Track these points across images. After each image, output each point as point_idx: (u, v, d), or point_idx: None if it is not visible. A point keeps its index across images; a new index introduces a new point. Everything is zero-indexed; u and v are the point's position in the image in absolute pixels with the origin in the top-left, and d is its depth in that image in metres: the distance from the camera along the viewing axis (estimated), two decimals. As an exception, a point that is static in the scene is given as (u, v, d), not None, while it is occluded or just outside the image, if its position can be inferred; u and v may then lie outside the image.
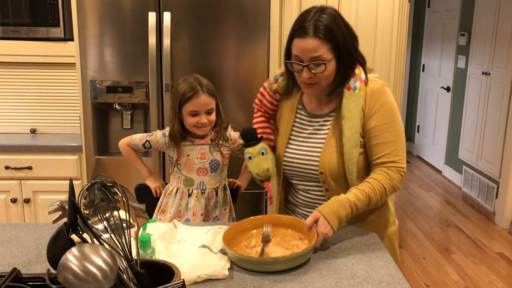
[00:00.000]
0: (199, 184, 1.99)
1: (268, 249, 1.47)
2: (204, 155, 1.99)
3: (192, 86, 1.92)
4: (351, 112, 1.58)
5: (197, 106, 1.91)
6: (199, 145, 1.98)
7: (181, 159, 1.98)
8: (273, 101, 1.81)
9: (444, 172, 5.48)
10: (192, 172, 1.99)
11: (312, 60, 1.52)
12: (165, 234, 1.54)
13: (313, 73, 1.54)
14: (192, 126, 1.94)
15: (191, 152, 1.98)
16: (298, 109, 1.76)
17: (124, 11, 2.56)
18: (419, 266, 3.41)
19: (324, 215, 1.49)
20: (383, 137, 1.59)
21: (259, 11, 2.57)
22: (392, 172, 1.59)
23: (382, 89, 1.62)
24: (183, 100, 1.91)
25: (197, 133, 1.97)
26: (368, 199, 1.55)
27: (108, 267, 0.86)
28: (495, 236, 3.92)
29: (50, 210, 1.05)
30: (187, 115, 1.93)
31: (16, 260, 1.41)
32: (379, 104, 1.60)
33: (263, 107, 1.84)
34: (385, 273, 1.34)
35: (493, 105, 4.37)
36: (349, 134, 1.58)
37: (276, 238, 1.54)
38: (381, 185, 1.57)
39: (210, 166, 1.99)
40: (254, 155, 1.68)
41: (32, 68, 3.05)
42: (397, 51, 2.74)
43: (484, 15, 4.52)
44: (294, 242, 1.51)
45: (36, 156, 2.81)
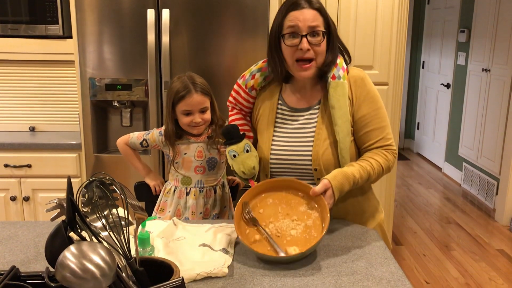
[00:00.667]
0: (197, 183, 1.98)
1: (279, 224, 1.46)
2: (201, 153, 1.97)
3: (185, 85, 1.89)
4: (340, 101, 1.58)
5: (190, 105, 1.88)
6: (195, 143, 1.97)
7: (177, 158, 1.97)
8: (249, 99, 1.78)
9: (444, 169, 5.48)
10: (189, 171, 1.97)
11: (311, 30, 1.53)
12: (164, 232, 1.53)
13: (311, 45, 1.54)
14: (186, 125, 1.92)
15: (188, 150, 1.96)
16: (279, 105, 1.72)
17: (122, 8, 2.55)
18: (419, 263, 3.41)
19: (333, 188, 1.49)
20: (375, 123, 1.62)
21: (258, 7, 2.56)
22: (388, 153, 1.63)
23: (364, 76, 1.65)
24: (176, 99, 1.89)
25: (192, 132, 1.95)
26: (367, 176, 1.58)
27: (107, 265, 0.85)
28: (495, 233, 3.92)
29: (48, 208, 1.05)
30: (180, 114, 1.91)
31: (15, 258, 1.41)
32: (365, 92, 1.63)
33: (238, 104, 1.80)
34: (385, 270, 1.34)
35: (493, 102, 4.37)
36: (341, 123, 1.58)
37: (281, 205, 1.52)
38: (380, 165, 1.61)
39: (208, 164, 1.98)
40: (239, 153, 1.64)
41: (31, 66, 3.04)
42: (397, 48, 2.73)
43: (484, 12, 4.50)
44: (302, 209, 1.50)
45: (35, 154, 2.81)
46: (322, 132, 1.63)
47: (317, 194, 1.48)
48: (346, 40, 2.62)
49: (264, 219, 1.50)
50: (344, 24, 2.71)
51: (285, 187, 1.56)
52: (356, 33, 2.71)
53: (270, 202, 1.54)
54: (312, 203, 1.51)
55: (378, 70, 2.75)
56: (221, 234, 1.53)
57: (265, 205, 1.54)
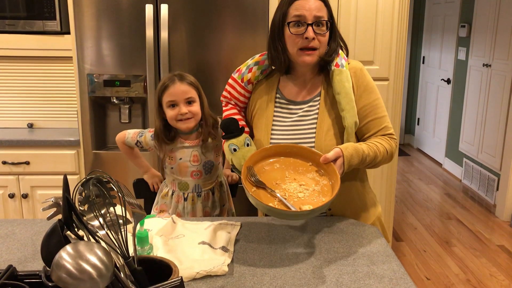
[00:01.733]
0: (195, 188, 1.92)
1: (286, 186, 1.42)
2: (197, 158, 1.90)
3: (170, 77, 1.84)
4: (346, 87, 1.59)
5: (173, 94, 1.80)
6: (190, 147, 1.90)
7: (173, 163, 1.90)
8: (245, 93, 1.75)
9: (444, 164, 5.47)
10: (186, 176, 1.91)
11: (317, 19, 1.55)
12: (163, 230, 1.52)
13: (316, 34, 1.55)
14: (173, 120, 1.83)
15: (183, 155, 1.90)
16: (276, 98, 1.71)
17: (121, 4, 2.53)
18: (420, 259, 3.40)
19: (344, 158, 1.48)
20: (376, 113, 1.64)
21: (258, 3, 2.53)
22: (392, 141, 1.64)
23: (362, 67, 1.67)
24: (161, 91, 1.82)
25: (181, 128, 1.85)
26: (374, 156, 1.57)
27: (104, 265, 0.84)
28: (495, 228, 3.91)
29: (45, 207, 1.03)
30: (167, 108, 1.83)
31: (12, 257, 1.39)
32: (365, 83, 1.65)
33: (233, 99, 1.77)
34: (387, 268, 1.32)
35: (493, 97, 4.35)
36: (349, 108, 1.58)
37: (289, 170, 1.48)
38: (385, 148, 1.61)
39: (204, 168, 1.92)
40: (240, 147, 1.60)
41: (28, 62, 3.02)
42: (397, 43, 2.71)
43: (484, 6, 4.48)
44: (310, 175, 1.47)
45: (34, 151, 2.79)
46: (325, 123, 1.62)
47: (328, 161, 1.46)
48: (346, 35, 2.61)
49: (270, 181, 1.44)
50: (345, 19, 2.68)
51: (293, 153, 1.53)
52: (356, 28, 2.69)
53: (277, 166, 1.50)
54: (322, 172, 1.48)
55: (379, 66, 2.73)
56: (221, 231, 1.51)
57: (272, 169, 1.49)
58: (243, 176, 1.42)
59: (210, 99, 2.58)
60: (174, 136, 1.89)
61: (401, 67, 2.76)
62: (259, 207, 1.36)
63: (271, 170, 1.49)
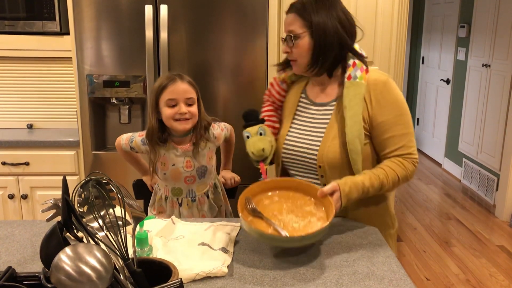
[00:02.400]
0: (188, 193, 1.89)
1: (283, 217, 1.43)
2: (190, 163, 1.86)
3: (169, 76, 1.80)
4: (352, 101, 1.56)
5: (174, 93, 1.75)
6: (183, 153, 1.85)
7: (165, 169, 1.86)
8: (280, 91, 1.81)
9: (444, 164, 5.47)
10: (179, 181, 1.88)
11: (288, 33, 1.60)
12: (163, 231, 1.51)
13: (290, 48, 1.61)
14: (170, 119, 1.77)
15: (176, 161, 1.85)
16: (301, 97, 1.75)
17: (120, 4, 2.53)
18: (419, 259, 3.40)
19: (341, 192, 1.47)
20: (395, 130, 1.57)
21: (257, 3, 2.53)
22: (407, 162, 1.58)
23: (387, 81, 1.61)
24: (159, 90, 1.77)
25: (177, 128, 1.79)
26: (380, 186, 1.54)
27: (103, 267, 0.83)
28: (495, 228, 3.91)
29: (44, 209, 1.03)
30: (164, 106, 1.77)
31: (11, 259, 1.39)
32: (386, 98, 1.58)
33: (271, 97, 1.84)
34: (387, 269, 1.32)
35: (493, 97, 4.35)
36: (351, 124, 1.55)
37: (287, 203, 1.49)
38: (396, 174, 1.56)
39: (198, 174, 1.88)
40: (252, 135, 1.67)
41: (28, 63, 3.01)
42: (397, 44, 2.71)
43: (484, 7, 4.48)
44: (307, 208, 1.47)
45: (33, 152, 2.79)
46: (332, 131, 1.62)
47: (324, 195, 1.46)
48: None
49: (267, 212, 1.46)
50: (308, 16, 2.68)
51: (292, 187, 1.54)
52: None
53: (276, 200, 1.52)
54: (319, 205, 1.49)
55: (378, 66, 2.73)
56: (221, 232, 1.51)
57: (271, 202, 1.51)
58: (240, 207, 1.43)
59: (209, 99, 2.59)
60: (166, 138, 1.84)
61: (401, 67, 2.76)
62: (252, 233, 1.36)
63: (269, 203, 1.51)
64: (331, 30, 1.56)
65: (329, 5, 1.58)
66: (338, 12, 1.59)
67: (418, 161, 1.62)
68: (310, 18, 1.56)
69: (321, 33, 1.56)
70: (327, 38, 1.57)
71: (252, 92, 2.63)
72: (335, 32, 1.57)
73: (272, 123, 1.79)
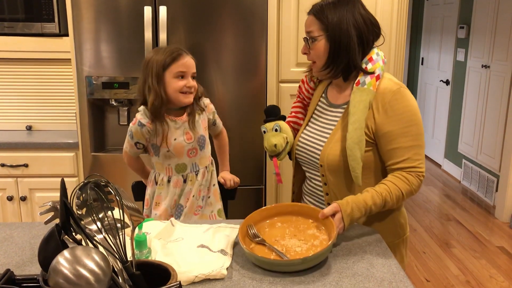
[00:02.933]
0: (192, 167, 1.93)
1: (285, 242, 1.42)
2: (190, 135, 1.90)
3: (175, 49, 1.84)
4: (356, 107, 1.55)
5: (185, 65, 1.82)
6: (181, 126, 1.88)
7: (169, 145, 1.87)
8: (309, 89, 1.84)
9: (443, 165, 5.46)
10: (182, 156, 1.90)
11: (306, 36, 1.62)
12: (162, 233, 1.51)
13: (308, 49, 1.63)
14: (178, 91, 1.82)
15: (176, 135, 1.88)
16: (321, 98, 1.77)
17: (119, 6, 2.52)
18: (419, 260, 3.39)
19: (342, 212, 1.46)
20: (401, 141, 1.53)
21: (257, 5, 2.53)
22: (411, 176, 1.54)
23: (398, 90, 1.56)
24: (168, 61, 1.80)
25: (183, 100, 1.85)
26: (383, 203, 1.52)
27: (101, 270, 0.83)
28: (495, 229, 3.91)
29: (42, 211, 1.02)
30: (172, 78, 1.81)
31: (10, 261, 1.38)
32: (395, 108, 1.54)
33: (301, 94, 1.87)
34: (387, 271, 1.32)
35: (493, 98, 4.35)
36: (351, 129, 1.54)
37: (289, 228, 1.49)
38: (399, 190, 1.53)
39: (199, 144, 1.92)
40: (268, 130, 1.73)
41: (27, 64, 3.01)
42: (396, 44, 2.70)
43: (483, 8, 4.48)
44: (310, 231, 1.47)
45: (32, 153, 2.78)
46: (337, 133, 1.62)
47: (325, 216, 1.46)
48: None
49: (270, 238, 1.45)
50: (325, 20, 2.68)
51: (295, 212, 1.54)
52: (355, 29, 2.68)
53: (278, 225, 1.52)
54: (322, 228, 1.48)
55: (378, 67, 2.72)
56: (220, 234, 1.50)
57: (273, 228, 1.51)
58: (241, 235, 1.42)
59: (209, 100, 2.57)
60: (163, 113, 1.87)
61: (400, 69, 2.76)
62: (252, 258, 1.36)
63: (272, 229, 1.50)
64: (345, 34, 1.55)
65: (347, 8, 1.56)
66: (356, 16, 1.56)
67: (424, 174, 1.57)
68: (327, 21, 1.56)
69: (336, 37, 1.56)
70: (341, 43, 1.56)
71: (251, 93, 2.63)
72: (350, 37, 1.56)
73: (297, 119, 1.85)
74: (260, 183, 2.73)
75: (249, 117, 2.64)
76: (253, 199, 2.75)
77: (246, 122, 2.65)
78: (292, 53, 2.65)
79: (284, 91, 2.69)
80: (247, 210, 2.39)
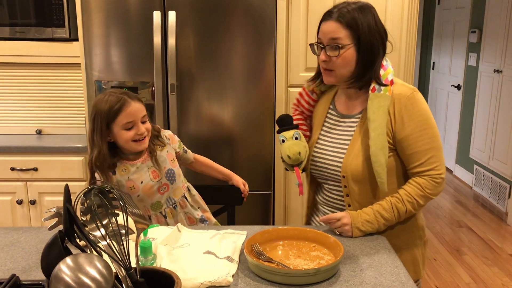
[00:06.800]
0: (167, 201, 1.85)
1: (291, 261, 1.40)
2: (156, 173, 1.80)
3: (117, 98, 1.70)
4: (375, 113, 1.54)
5: (131, 115, 1.69)
6: (143, 166, 1.79)
7: (136, 191, 1.78)
8: (310, 101, 1.80)
9: (455, 171, 5.41)
10: (154, 195, 1.82)
11: (329, 42, 1.54)
12: (168, 239, 1.50)
13: (329, 57, 1.55)
14: (130, 141, 1.72)
15: (142, 177, 1.78)
16: (329, 109, 1.74)
17: (129, 11, 2.53)
18: (430, 267, 3.35)
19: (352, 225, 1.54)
20: (417, 145, 1.54)
21: (266, 10, 2.53)
22: (425, 181, 1.55)
23: (412, 95, 1.56)
24: (112, 114, 1.68)
25: (137, 149, 1.75)
26: (397, 214, 1.56)
27: (103, 278, 0.82)
28: (507, 236, 3.85)
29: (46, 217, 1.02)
30: (121, 130, 1.70)
31: (16, 266, 1.38)
32: (410, 112, 1.55)
33: (300, 107, 1.83)
34: (395, 280, 1.29)
35: (505, 103, 4.29)
36: (374, 135, 1.53)
37: (292, 250, 1.46)
38: (412, 198, 1.55)
39: (168, 179, 1.83)
40: (288, 139, 1.65)
41: (37, 69, 3.03)
42: (406, 49, 2.68)
43: (495, 12, 4.43)
44: (314, 253, 1.45)
45: (42, 157, 2.79)
46: (357, 143, 1.61)
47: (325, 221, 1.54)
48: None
49: (274, 259, 1.41)
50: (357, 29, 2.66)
51: (296, 236, 1.51)
52: (365, 34, 2.67)
53: (280, 248, 1.48)
54: (324, 249, 1.46)
55: (388, 72, 2.70)
56: (226, 241, 1.49)
57: (275, 251, 1.47)
58: (247, 249, 1.38)
59: (215, 106, 2.58)
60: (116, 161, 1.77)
61: (411, 73, 2.74)
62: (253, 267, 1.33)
63: (275, 252, 1.47)
64: (375, 44, 1.55)
65: (370, 15, 1.54)
66: (378, 23, 1.56)
67: (442, 176, 1.56)
68: (358, 29, 1.52)
69: (368, 47, 1.53)
70: (372, 52, 1.55)
71: (260, 99, 2.62)
72: (378, 47, 1.56)
73: (303, 132, 1.78)
74: (268, 188, 2.72)
75: (258, 121, 2.63)
76: (261, 205, 2.73)
77: (254, 126, 2.64)
78: (301, 57, 2.64)
79: (293, 95, 2.67)
80: (255, 216, 2.38)
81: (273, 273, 1.28)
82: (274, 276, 1.28)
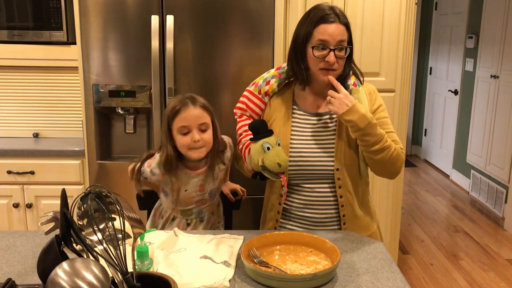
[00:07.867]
0: (198, 213, 1.84)
1: (288, 266, 1.40)
2: (203, 187, 1.79)
3: (181, 100, 1.69)
4: (365, 99, 1.70)
5: (186, 119, 1.66)
6: (196, 177, 1.77)
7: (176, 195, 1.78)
8: (261, 104, 1.83)
9: (452, 176, 5.41)
10: (190, 205, 1.82)
11: (339, 44, 1.63)
12: (165, 243, 1.50)
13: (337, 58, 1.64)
14: (185, 147, 1.69)
15: (188, 186, 1.77)
16: (294, 110, 1.77)
17: (127, 14, 2.53)
18: (427, 272, 3.35)
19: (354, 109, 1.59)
20: (385, 128, 1.71)
21: (263, 13, 2.53)
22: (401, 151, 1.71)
23: (375, 89, 1.80)
24: (171, 116, 1.68)
25: (192, 156, 1.71)
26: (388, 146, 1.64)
27: (100, 283, 0.82)
28: (504, 242, 3.85)
29: (43, 221, 1.02)
30: (178, 134, 1.69)
31: (12, 270, 1.38)
32: (378, 103, 1.75)
33: (249, 111, 1.84)
34: (392, 285, 1.29)
35: (501, 108, 4.31)
36: None
37: (289, 255, 1.47)
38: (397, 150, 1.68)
39: (210, 196, 1.83)
40: (273, 145, 1.58)
41: (35, 72, 3.03)
42: (404, 55, 2.69)
43: (492, 17, 4.45)
44: (311, 258, 1.45)
45: (39, 161, 2.79)
46: (343, 133, 1.70)
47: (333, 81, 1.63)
48: (352, 46, 2.59)
49: (271, 263, 1.41)
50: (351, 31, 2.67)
51: (293, 241, 1.51)
52: (362, 39, 2.67)
53: (277, 253, 1.48)
54: (321, 254, 1.46)
55: (385, 77, 2.71)
56: (223, 245, 1.49)
57: (272, 255, 1.47)
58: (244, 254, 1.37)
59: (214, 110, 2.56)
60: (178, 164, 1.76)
61: (408, 78, 2.74)
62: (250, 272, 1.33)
63: (271, 257, 1.46)
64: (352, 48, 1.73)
65: None
66: None
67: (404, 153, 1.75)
68: (351, 33, 1.68)
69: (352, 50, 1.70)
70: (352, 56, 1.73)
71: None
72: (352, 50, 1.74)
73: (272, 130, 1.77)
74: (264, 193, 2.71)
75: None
76: (258, 209, 2.72)
77: (252, 131, 2.64)
78: (299, 62, 2.64)
79: (291, 100, 2.68)
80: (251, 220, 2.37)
81: (270, 278, 1.28)
82: (271, 281, 1.28)
